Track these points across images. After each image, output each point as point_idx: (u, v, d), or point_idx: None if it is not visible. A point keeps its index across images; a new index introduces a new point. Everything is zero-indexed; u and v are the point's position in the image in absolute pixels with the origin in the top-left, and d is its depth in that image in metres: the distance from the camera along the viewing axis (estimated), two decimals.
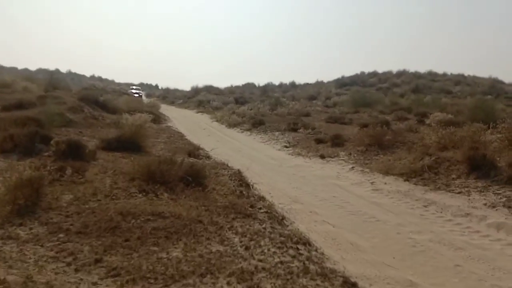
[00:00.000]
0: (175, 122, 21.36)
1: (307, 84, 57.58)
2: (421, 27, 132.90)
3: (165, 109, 28.81)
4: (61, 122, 11.37)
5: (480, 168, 8.31)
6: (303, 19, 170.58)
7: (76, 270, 3.45)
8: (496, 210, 6.84)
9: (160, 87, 70.15)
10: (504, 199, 7.16)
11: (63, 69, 69.93)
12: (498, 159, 8.60)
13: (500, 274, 4.65)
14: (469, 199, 7.43)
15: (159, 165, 6.20)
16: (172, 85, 60.91)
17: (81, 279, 3.31)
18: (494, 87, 36.54)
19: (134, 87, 54.88)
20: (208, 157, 10.08)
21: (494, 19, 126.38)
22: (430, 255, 5.09)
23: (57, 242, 3.95)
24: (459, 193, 7.80)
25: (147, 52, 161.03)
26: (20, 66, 69.15)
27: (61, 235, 4.11)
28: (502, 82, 41.50)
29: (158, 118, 19.02)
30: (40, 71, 65.78)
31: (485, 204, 7.12)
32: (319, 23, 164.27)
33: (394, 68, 50.68)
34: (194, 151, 9.92)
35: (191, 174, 6.32)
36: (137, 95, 42.08)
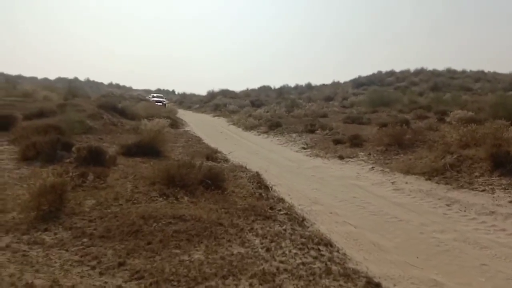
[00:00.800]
0: (192, 126, 21.52)
1: (323, 85, 57.32)
2: (439, 23, 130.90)
3: (182, 114, 29.09)
4: (81, 129, 11.57)
5: (504, 165, 8.13)
6: (317, 20, 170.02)
7: (101, 274, 3.49)
8: None
9: (176, 93, 70.90)
10: None
11: (82, 78, 71.31)
12: None
13: None
14: (493, 197, 7.27)
15: (179, 169, 6.25)
16: (188, 90, 60.95)
17: (106, 282, 3.35)
18: None
19: (155, 94, 46.63)
20: (226, 160, 10.11)
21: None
22: (455, 254, 4.99)
23: (81, 247, 4.01)
24: (482, 191, 7.64)
25: (164, 58, 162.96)
26: (40, 76, 70.84)
27: (85, 240, 4.18)
28: None
29: (175, 123, 19.22)
30: (59, 80, 67.21)
31: (510, 202, 6.96)
32: (333, 23, 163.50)
33: (412, 66, 50.16)
34: (212, 154, 9.97)
35: (210, 177, 6.35)
36: (160, 103, 35.39)
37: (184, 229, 4.57)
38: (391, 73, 51.20)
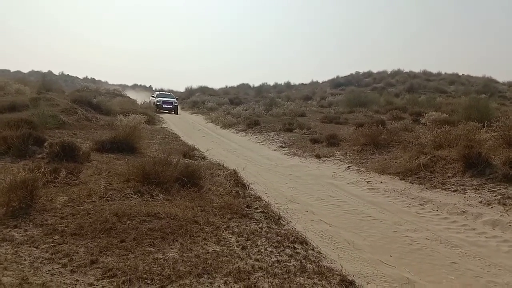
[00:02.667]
0: (170, 123, 21.29)
1: (302, 84, 57.72)
2: (416, 27, 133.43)
3: (159, 110, 28.73)
4: (54, 124, 11.28)
5: (475, 166, 8.34)
6: (297, 19, 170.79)
7: (72, 271, 3.41)
8: (491, 207, 6.87)
9: (154, 89, 69.92)
10: (499, 196, 7.19)
11: (56, 71, 69.47)
12: (493, 157, 8.63)
13: (495, 270, 4.66)
14: (464, 197, 7.45)
15: (154, 166, 6.16)
16: (166, 87, 59.37)
17: (77, 280, 3.27)
18: (488, 86, 36.69)
19: (159, 93, 34.48)
20: (203, 157, 10.04)
21: (490, 19, 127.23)
22: (427, 253, 5.10)
23: (52, 244, 3.91)
24: (454, 191, 7.83)
25: (140, 53, 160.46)
26: (13, 69, 68.70)
27: (56, 237, 4.07)
28: (496, 81, 41.79)
29: (152, 119, 18.96)
30: (33, 73, 65.42)
31: (480, 202, 7.15)
32: (313, 23, 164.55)
33: (389, 68, 50.96)
34: (189, 152, 9.88)
35: (186, 175, 6.28)
36: (168, 105, 29.35)
37: (159, 227, 4.51)
38: (369, 74, 51.96)
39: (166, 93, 36.19)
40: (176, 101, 30.72)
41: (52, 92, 21.64)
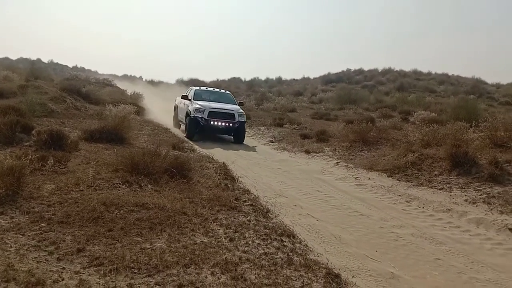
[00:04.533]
0: (160, 115, 21.15)
1: (294, 80, 57.67)
2: (409, 26, 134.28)
3: (150, 102, 28.47)
4: (42, 112, 11.15)
5: (462, 165, 8.46)
6: (290, 15, 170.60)
7: (59, 259, 3.39)
8: (476, 206, 6.98)
9: (144, 79, 69.10)
10: (484, 195, 7.31)
11: (45, 59, 68.34)
12: (479, 156, 8.76)
13: (478, 267, 4.75)
14: (450, 195, 7.56)
15: (143, 157, 6.13)
16: (156, 78, 58.32)
17: (63, 268, 3.26)
18: (476, 87, 37.14)
19: (197, 89, 16.15)
20: (193, 150, 10.01)
21: (480, 21, 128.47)
22: (412, 249, 5.17)
23: (39, 232, 3.88)
24: (441, 189, 7.94)
25: (131, 44, 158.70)
26: (0, 55, 67.56)
27: (43, 225, 4.04)
28: (484, 82, 42.28)
29: (142, 110, 18.82)
30: (21, 60, 64.26)
31: (466, 200, 7.26)
32: (306, 19, 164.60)
33: (380, 66, 51.20)
34: (178, 143, 9.85)
35: (175, 167, 6.27)
36: (225, 122, 13.69)
37: (147, 217, 4.50)
38: (360, 71, 52.13)
39: (215, 90, 16.67)
40: (241, 111, 14.41)
41: (40, 80, 21.33)
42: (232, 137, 14.46)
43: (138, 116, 15.20)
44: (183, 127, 15.32)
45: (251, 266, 3.71)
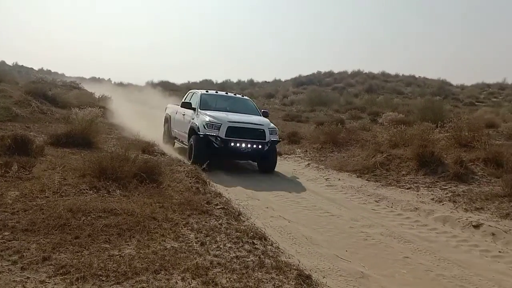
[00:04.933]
0: (129, 117, 20.79)
1: (266, 82, 57.94)
2: (377, 28, 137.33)
3: (119, 104, 27.96)
4: (6, 116, 10.78)
5: (428, 165, 8.71)
6: (263, 17, 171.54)
7: (23, 269, 3.27)
8: (443, 204, 7.19)
9: (113, 82, 67.59)
10: (450, 194, 7.55)
11: (9, 62, 66.10)
12: (445, 156, 9.05)
13: (444, 264, 4.89)
14: (418, 194, 7.77)
15: (112, 161, 6.00)
16: (125, 80, 56.65)
17: (28, 278, 3.15)
18: (442, 88, 38.37)
19: (204, 92, 11.30)
20: (163, 153, 9.88)
21: (447, 23, 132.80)
22: (381, 248, 5.27)
23: (2, 240, 3.73)
24: (408, 188, 8.14)
25: (99, 45, 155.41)
26: None
27: (6, 233, 3.89)
28: (450, 84, 43.67)
29: (111, 114, 18.46)
30: None
31: (432, 199, 7.47)
32: (278, 21, 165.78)
33: (349, 68, 52.08)
34: (148, 147, 9.68)
35: (145, 171, 6.16)
36: (252, 144, 9.34)
37: (115, 223, 4.41)
38: (330, 73, 52.89)
39: (229, 95, 12.35)
40: (272, 126, 10.32)
41: (4, 83, 20.61)
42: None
43: (106, 119, 14.91)
44: (178, 144, 11.79)
45: (222, 270, 3.69)
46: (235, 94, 12.39)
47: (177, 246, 4.11)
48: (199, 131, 9.47)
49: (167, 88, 43.50)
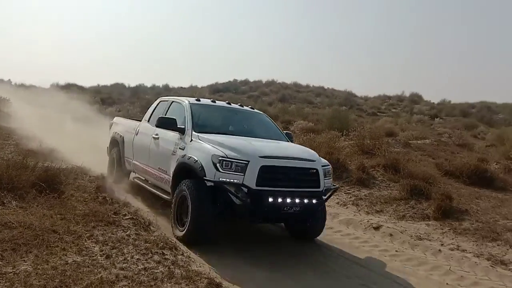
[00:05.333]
0: (30, 122, 19.21)
1: (181, 88, 57.08)
2: (290, 41, 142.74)
3: (19, 108, 25.74)
4: None
5: (334, 170, 9.18)
6: (182, 22, 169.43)
7: None
8: (347, 208, 7.67)
9: (13, 83, 61.82)
10: (353, 198, 8.07)
11: None
12: (349, 162, 9.65)
13: (348, 264, 5.21)
14: None
15: (7, 170, 5.50)
16: (28, 81, 51.90)
17: None
18: (348, 99, 41.01)
19: (193, 101, 6.77)
20: (66, 160, 9.25)
21: (354, 36, 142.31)
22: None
23: None
24: None
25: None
26: None
27: None
28: (355, 95, 46.74)
29: (8, 118, 16.92)
30: None
31: (337, 203, 7.92)
32: (194, 28, 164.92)
33: (264, 78, 53.33)
34: (50, 154, 9.02)
35: (45, 180, 5.73)
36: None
37: (10, 238, 4.03)
38: (246, 82, 53.78)
39: (232, 107, 7.29)
40: (325, 162, 5.89)
41: None
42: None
43: (4, 124, 13.63)
44: (137, 180, 7.68)
45: (129, 283, 3.56)
46: (241, 106, 7.57)
47: (80, 260, 3.88)
48: (205, 175, 5.23)
49: (74, 91, 40.93)
